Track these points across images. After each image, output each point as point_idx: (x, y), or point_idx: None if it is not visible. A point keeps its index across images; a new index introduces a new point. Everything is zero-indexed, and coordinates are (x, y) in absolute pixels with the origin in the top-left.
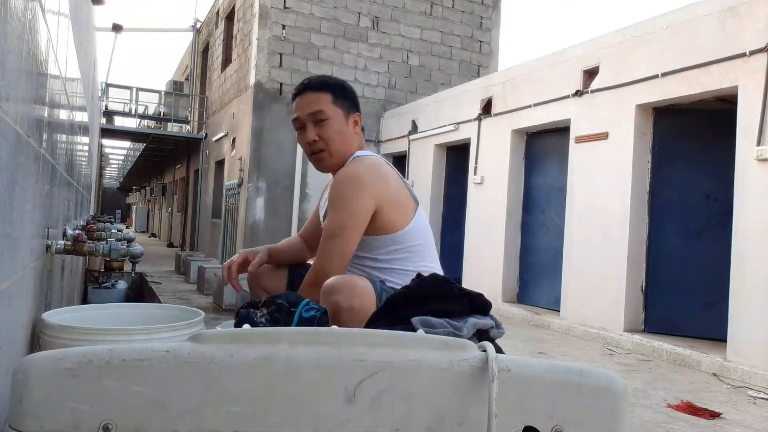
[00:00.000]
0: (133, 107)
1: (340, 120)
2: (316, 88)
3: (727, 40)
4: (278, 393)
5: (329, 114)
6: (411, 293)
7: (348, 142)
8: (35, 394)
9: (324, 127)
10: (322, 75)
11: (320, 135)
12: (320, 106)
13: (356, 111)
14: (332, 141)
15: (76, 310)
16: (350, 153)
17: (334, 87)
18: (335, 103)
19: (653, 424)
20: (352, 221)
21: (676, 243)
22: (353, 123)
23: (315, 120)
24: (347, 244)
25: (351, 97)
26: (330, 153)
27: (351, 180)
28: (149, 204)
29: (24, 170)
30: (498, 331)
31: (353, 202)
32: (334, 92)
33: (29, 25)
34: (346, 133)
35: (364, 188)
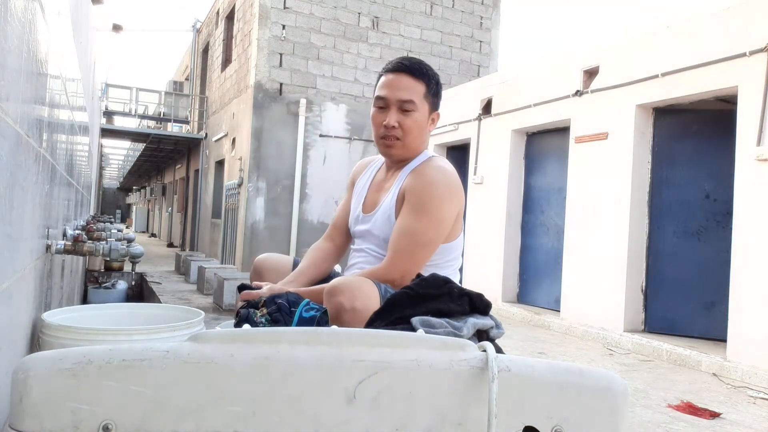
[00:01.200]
0: (133, 107)
1: (425, 115)
2: (414, 74)
3: (727, 40)
4: (278, 393)
5: (418, 106)
6: (411, 293)
7: (423, 138)
8: (35, 394)
9: (408, 117)
10: (419, 60)
11: (402, 123)
12: (413, 96)
13: (437, 110)
14: (410, 133)
15: (76, 310)
16: (421, 148)
17: (431, 80)
18: (426, 97)
19: (653, 424)
20: (442, 232)
21: (676, 243)
22: (431, 121)
23: (402, 106)
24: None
25: (439, 94)
26: (404, 143)
27: (444, 186)
28: (149, 204)
29: (24, 170)
30: (498, 331)
31: (444, 210)
32: (429, 85)
33: (29, 25)
34: (424, 129)
35: (453, 197)
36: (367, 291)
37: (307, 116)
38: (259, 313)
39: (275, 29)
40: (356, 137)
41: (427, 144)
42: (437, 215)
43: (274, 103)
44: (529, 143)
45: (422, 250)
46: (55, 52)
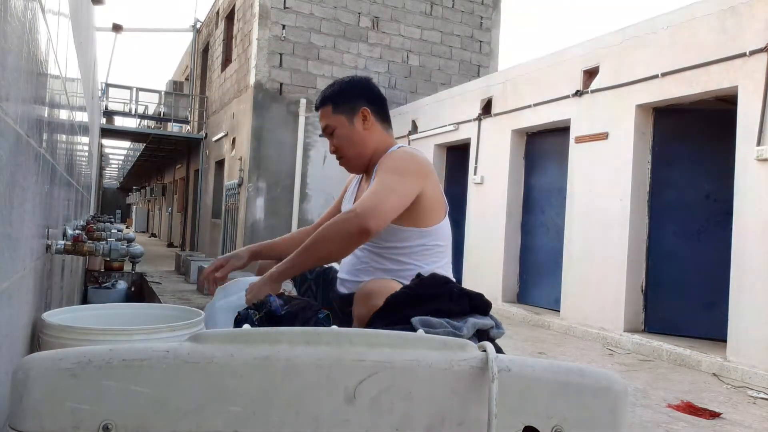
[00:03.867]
0: (133, 107)
1: (344, 126)
2: (320, 105)
3: (727, 40)
4: (278, 393)
5: (334, 125)
6: (411, 293)
7: (360, 141)
8: (35, 394)
9: (336, 137)
10: (328, 86)
11: (335, 145)
12: (325, 121)
13: (363, 105)
14: (343, 147)
15: (76, 310)
16: (367, 150)
17: (332, 96)
18: (336, 112)
19: (653, 424)
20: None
21: (676, 243)
22: (361, 119)
23: (328, 133)
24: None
25: (352, 95)
26: (348, 158)
27: (409, 159)
28: (149, 204)
29: (24, 170)
30: (498, 331)
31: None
32: (333, 101)
33: (29, 25)
34: (353, 135)
35: (418, 170)
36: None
37: (307, 116)
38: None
39: (275, 29)
40: None
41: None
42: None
43: (274, 103)
44: (529, 143)
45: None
46: (55, 52)
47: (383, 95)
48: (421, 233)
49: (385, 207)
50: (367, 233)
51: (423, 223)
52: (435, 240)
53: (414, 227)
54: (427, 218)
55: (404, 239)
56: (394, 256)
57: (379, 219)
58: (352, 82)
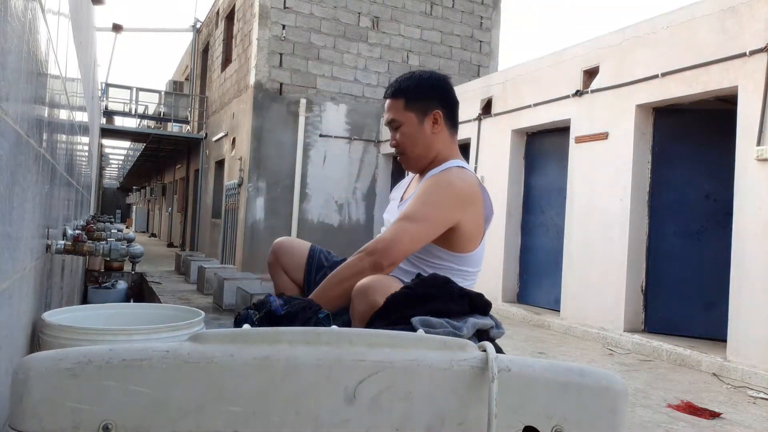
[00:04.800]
0: (133, 107)
1: (413, 124)
2: (392, 95)
3: (727, 40)
4: (278, 393)
5: (402, 120)
6: (411, 293)
7: (425, 143)
8: (35, 394)
9: (400, 134)
10: (402, 78)
11: (397, 140)
12: (393, 114)
13: (436, 107)
14: (406, 146)
15: (76, 310)
16: (430, 154)
17: (407, 90)
18: (407, 108)
19: (653, 424)
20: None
21: (676, 243)
22: (432, 122)
23: (393, 127)
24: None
25: (429, 94)
26: (407, 157)
27: (448, 187)
28: (149, 204)
29: (24, 170)
30: (498, 331)
31: (442, 206)
32: (407, 96)
33: (29, 25)
34: (420, 136)
35: (460, 202)
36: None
37: (307, 116)
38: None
39: (275, 29)
40: (356, 137)
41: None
42: (436, 208)
43: (274, 103)
44: (529, 143)
45: (411, 224)
46: (55, 52)
47: (457, 99)
48: (452, 256)
49: (402, 246)
50: (381, 270)
51: (456, 249)
52: (464, 266)
53: (446, 249)
54: (461, 246)
55: (433, 256)
56: (418, 263)
57: (393, 256)
58: (431, 79)
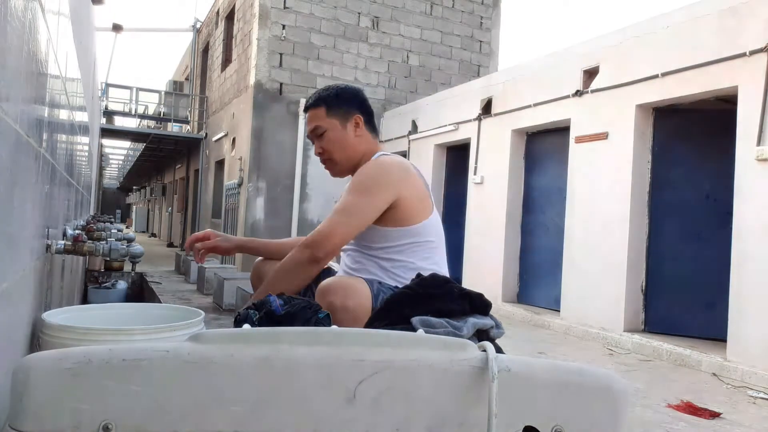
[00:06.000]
0: (133, 107)
1: (336, 129)
2: (312, 105)
3: (727, 40)
4: (278, 393)
5: (325, 127)
6: (411, 293)
7: (349, 146)
8: (35, 394)
9: (324, 140)
10: (323, 88)
11: (322, 147)
12: (316, 122)
13: (356, 113)
14: (333, 151)
15: (76, 310)
16: (356, 156)
17: (327, 99)
18: (329, 115)
19: (653, 424)
20: (368, 210)
21: (676, 243)
22: (354, 126)
23: (316, 135)
24: (354, 227)
25: (347, 101)
26: (334, 161)
27: (375, 171)
28: (149, 204)
29: (24, 170)
30: (498, 331)
31: (373, 192)
32: (327, 104)
33: (29, 25)
34: (345, 140)
35: (387, 182)
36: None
37: None
38: None
39: (275, 29)
40: None
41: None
42: (361, 190)
43: (274, 103)
44: (529, 143)
45: (342, 217)
46: (55, 52)
47: (372, 109)
48: (409, 231)
49: (336, 236)
50: (317, 262)
51: (408, 222)
52: (425, 236)
53: (399, 227)
54: (412, 217)
55: (393, 239)
56: (386, 255)
57: (328, 248)
58: (347, 89)
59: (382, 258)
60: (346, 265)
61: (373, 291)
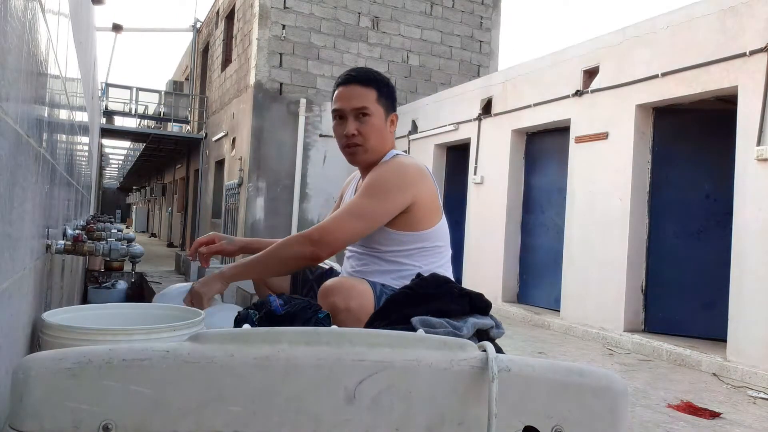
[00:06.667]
0: (133, 107)
1: (381, 118)
2: (363, 83)
3: (727, 40)
4: (278, 393)
5: (373, 111)
6: (411, 293)
7: (384, 140)
8: (35, 394)
9: (365, 123)
10: (367, 69)
11: (360, 130)
12: (366, 102)
13: (394, 111)
14: (370, 138)
15: (76, 310)
16: (385, 151)
17: (380, 84)
18: (379, 101)
19: (653, 424)
20: (380, 210)
21: (676, 243)
22: (390, 122)
23: (357, 114)
24: (363, 230)
25: (393, 96)
26: (366, 149)
27: (396, 173)
28: (149, 204)
29: (24, 170)
30: (498, 331)
31: (386, 191)
32: (380, 89)
33: (29, 25)
34: (384, 132)
35: (406, 185)
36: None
37: (307, 116)
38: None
39: (275, 29)
40: None
41: (393, 145)
42: (376, 193)
43: (274, 103)
44: (529, 143)
45: (352, 219)
46: (55, 52)
47: None
48: (420, 236)
49: (343, 235)
50: (318, 260)
51: (419, 227)
52: (433, 242)
53: (411, 231)
54: (424, 222)
55: (402, 243)
56: (393, 258)
57: (332, 248)
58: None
59: (390, 261)
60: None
61: (376, 293)
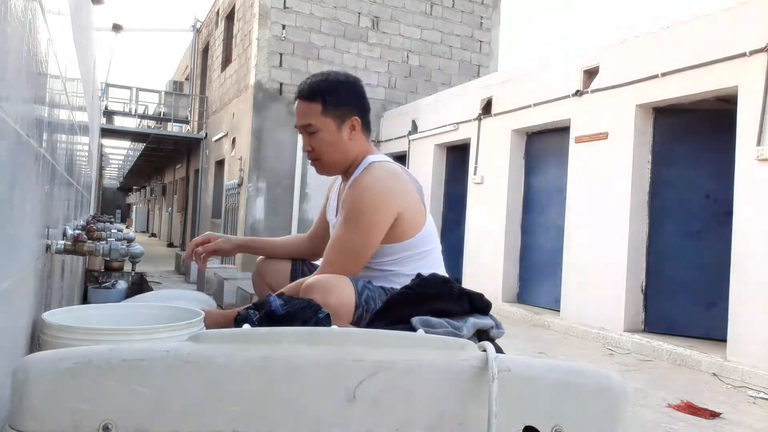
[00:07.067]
0: (133, 107)
1: (331, 131)
2: (307, 97)
3: (727, 40)
4: (278, 393)
5: (318, 126)
6: (411, 293)
7: (342, 150)
8: (35, 394)
9: (315, 139)
10: (319, 76)
11: (312, 146)
12: (309, 119)
13: (354, 115)
14: (324, 153)
15: (76, 310)
16: (347, 160)
17: (325, 95)
18: (325, 114)
19: (653, 424)
20: (371, 242)
21: (676, 243)
22: (350, 128)
23: (307, 131)
24: (359, 264)
25: (346, 100)
26: (324, 164)
27: (370, 195)
28: (149, 204)
29: (24, 170)
30: (498, 331)
31: (372, 221)
32: (324, 101)
33: (29, 25)
34: (338, 143)
35: (384, 204)
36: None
37: None
38: None
39: (275, 29)
40: None
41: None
42: (364, 225)
43: (274, 103)
44: (529, 143)
45: (350, 258)
46: (55, 52)
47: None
48: (405, 245)
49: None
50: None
51: (405, 237)
52: (420, 247)
53: (397, 242)
54: (408, 232)
55: (388, 254)
56: (380, 267)
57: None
58: (348, 85)
59: (377, 269)
60: None
61: (357, 289)
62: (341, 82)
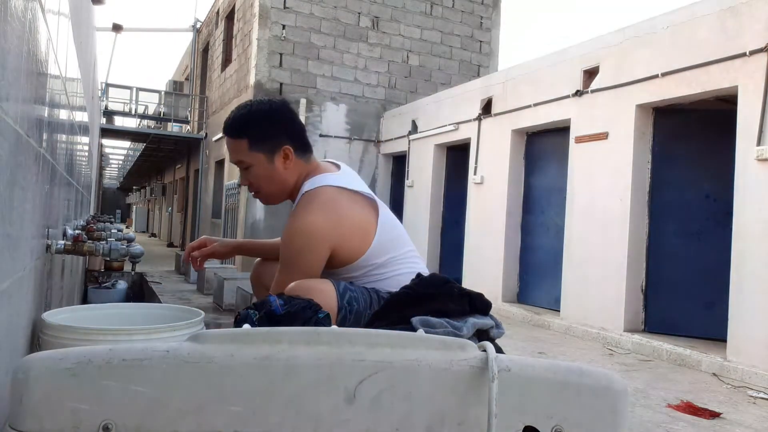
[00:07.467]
0: (133, 107)
1: (263, 165)
2: (232, 134)
3: (727, 40)
4: (278, 393)
5: (249, 161)
6: (411, 293)
7: (279, 181)
8: (35, 394)
9: (249, 173)
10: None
11: (248, 180)
12: (239, 156)
13: (285, 143)
14: (261, 186)
15: (76, 310)
16: (286, 189)
17: (250, 130)
18: (253, 149)
19: (653, 424)
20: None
21: (676, 243)
22: (282, 158)
23: (241, 167)
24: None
25: (273, 130)
26: (264, 195)
27: (299, 239)
28: (149, 204)
29: (24, 170)
30: (498, 331)
31: (307, 262)
32: (250, 137)
33: (29, 25)
34: (273, 175)
35: (314, 244)
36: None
37: (307, 116)
38: None
39: (275, 29)
40: (356, 137)
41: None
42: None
43: None
44: (529, 143)
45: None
46: (55, 52)
47: (302, 123)
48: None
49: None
50: None
51: (350, 261)
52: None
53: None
54: (354, 253)
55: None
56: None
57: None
58: (273, 118)
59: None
60: None
61: (339, 291)
62: (264, 111)
